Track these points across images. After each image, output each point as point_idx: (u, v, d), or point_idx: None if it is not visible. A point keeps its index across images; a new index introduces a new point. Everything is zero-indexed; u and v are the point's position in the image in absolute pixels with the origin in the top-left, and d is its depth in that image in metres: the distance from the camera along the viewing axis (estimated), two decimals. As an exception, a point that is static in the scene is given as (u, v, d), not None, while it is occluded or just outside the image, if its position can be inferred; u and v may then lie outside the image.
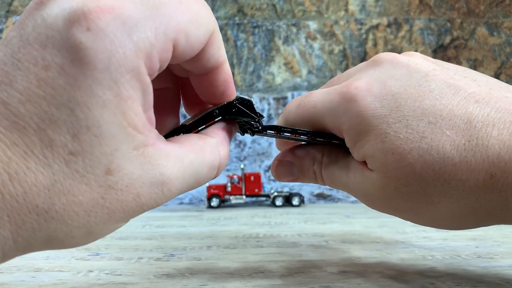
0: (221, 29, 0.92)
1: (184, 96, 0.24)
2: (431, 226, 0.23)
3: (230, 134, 0.23)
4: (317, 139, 0.24)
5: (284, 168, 0.27)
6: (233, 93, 0.22)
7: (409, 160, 0.20)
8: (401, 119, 0.20)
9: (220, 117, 0.22)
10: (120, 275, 0.26)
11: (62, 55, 0.15)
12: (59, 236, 0.16)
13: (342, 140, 0.23)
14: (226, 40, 0.92)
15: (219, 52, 0.20)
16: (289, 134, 0.24)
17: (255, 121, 0.23)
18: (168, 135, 0.21)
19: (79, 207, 0.16)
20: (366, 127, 0.21)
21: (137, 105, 0.17)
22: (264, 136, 0.25)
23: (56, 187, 0.15)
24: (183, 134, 0.21)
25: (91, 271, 0.26)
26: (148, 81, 0.17)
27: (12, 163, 0.15)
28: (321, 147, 0.26)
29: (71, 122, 0.15)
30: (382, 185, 0.21)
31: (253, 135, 0.24)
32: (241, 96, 0.23)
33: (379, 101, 0.21)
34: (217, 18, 0.92)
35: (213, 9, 0.92)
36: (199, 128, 0.22)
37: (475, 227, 0.22)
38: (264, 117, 0.24)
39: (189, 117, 0.24)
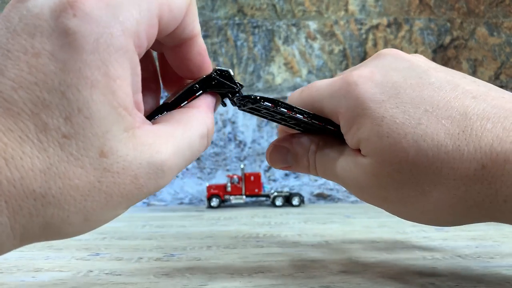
0: (221, 29, 0.92)
1: (162, 74, 0.24)
2: (421, 222, 0.23)
3: (213, 104, 0.23)
4: (313, 120, 0.24)
5: (279, 154, 0.27)
6: (209, 66, 0.22)
7: (403, 144, 0.20)
8: (399, 105, 0.21)
9: (201, 91, 0.22)
10: (120, 275, 0.26)
11: (51, 42, 0.16)
12: (56, 223, 0.16)
13: (338, 127, 0.24)
14: (226, 40, 0.92)
15: (194, 23, 0.21)
16: (286, 110, 0.23)
17: (235, 91, 0.23)
18: (151, 115, 0.21)
19: (76, 191, 0.16)
20: (363, 110, 0.22)
21: (126, 84, 0.17)
22: (258, 111, 0.24)
23: (52, 171, 0.16)
24: (167, 112, 0.21)
25: (91, 271, 0.26)
26: (136, 60, 0.17)
27: (8, 149, 0.15)
28: (317, 137, 0.26)
29: (62, 105, 0.16)
30: (375, 171, 0.22)
31: (239, 106, 0.23)
32: (218, 67, 0.23)
33: (379, 87, 0.22)
34: (217, 18, 0.92)
35: (213, 9, 0.92)
36: (182, 104, 0.22)
37: (464, 223, 0.22)
38: (244, 86, 0.24)
39: (168, 95, 0.23)
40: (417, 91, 0.21)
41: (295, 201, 0.75)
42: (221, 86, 0.23)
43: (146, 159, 0.17)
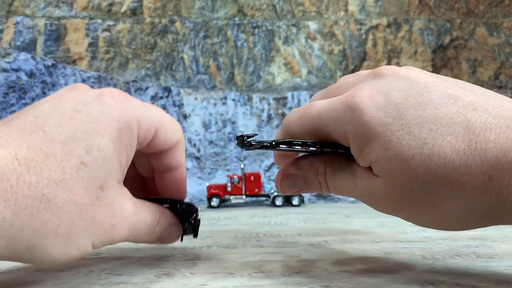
0: (221, 29, 0.92)
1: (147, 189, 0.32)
2: (433, 228, 0.24)
3: (170, 220, 0.28)
4: (325, 149, 0.25)
5: (289, 181, 0.28)
6: (184, 192, 0.30)
7: (411, 165, 0.21)
8: (404, 127, 0.21)
9: (168, 206, 0.28)
10: (120, 275, 0.26)
11: (91, 106, 0.24)
12: (48, 227, 0.20)
13: (347, 149, 0.24)
14: (226, 40, 0.92)
15: (181, 156, 0.29)
16: (300, 147, 0.25)
17: (188, 223, 0.29)
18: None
19: (74, 205, 0.21)
20: (371, 135, 0.22)
21: (129, 149, 0.24)
22: (276, 150, 0.26)
23: (63, 184, 0.20)
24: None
25: (91, 271, 0.27)
26: (134, 141, 0.25)
27: (32, 161, 0.20)
28: (323, 158, 0.27)
29: (88, 142, 0.22)
30: (387, 189, 0.22)
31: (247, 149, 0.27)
32: (190, 203, 0.29)
33: (382, 110, 0.22)
34: (217, 19, 0.92)
35: (213, 10, 0.92)
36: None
37: (473, 228, 0.22)
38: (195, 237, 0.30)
39: None
40: (419, 110, 0.21)
41: (295, 201, 0.75)
42: (183, 214, 0.29)
43: (122, 206, 0.23)
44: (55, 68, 0.87)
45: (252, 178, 0.78)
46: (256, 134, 0.27)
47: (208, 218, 0.57)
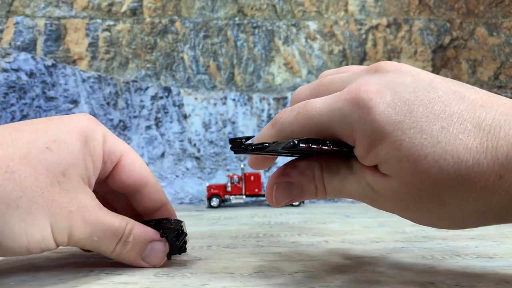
0: (221, 29, 0.92)
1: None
2: (437, 227, 0.23)
3: (149, 236, 0.28)
4: (333, 148, 0.23)
5: (283, 191, 0.26)
6: (161, 204, 0.30)
7: (424, 166, 0.20)
8: (415, 125, 0.21)
9: (153, 224, 0.28)
10: (120, 275, 0.26)
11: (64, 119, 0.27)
12: (11, 198, 0.22)
13: (351, 147, 0.23)
14: (226, 40, 0.92)
15: (156, 196, 0.30)
16: (315, 146, 0.22)
17: (173, 239, 0.28)
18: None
19: (35, 181, 0.23)
20: (381, 135, 0.21)
21: (92, 154, 0.26)
22: (271, 154, 0.25)
23: (27, 160, 0.23)
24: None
25: (91, 271, 0.27)
26: (99, 152, 0.27)
27: (0, 142, 0.23)
28: (317, 160, 0.25)
29: (55, 135, 0.25)
30: (396, 189, 0.22)
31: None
32: (177, 220, 0.29)
33: (392, 108, 0.21)
34: (217, 19, 0.92)
35: (213, 10, 0.92)
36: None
37: (477, 227, 0.22)
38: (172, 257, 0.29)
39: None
40: (429, 107, 0.21)
41: (295, 201, 0.75)
42: (169, 234, 0.28)
43: (83, 198, 0.25)
44: (55, 68, 0.87)
45: (252, 178, 0.78)
46: (253, 136, 0.25)
47: (208, 218, 0.57)
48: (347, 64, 0.91)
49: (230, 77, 0.91)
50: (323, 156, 0.25)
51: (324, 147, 0.23)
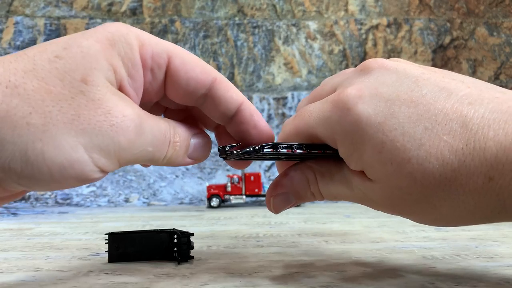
0: (221, 29, 0.92)
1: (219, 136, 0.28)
2: (434, 225, 0.23)
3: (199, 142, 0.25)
4: (312, 151, 0.23)
5: (280, 199, 0.26)
6: (265, 127, 0.25)
7: (408, 169, 0.20)
8: (397, 126, 0.20)
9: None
10: (120, 275, 0.26)
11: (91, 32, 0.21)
12: (17, 114, 0.17)
13: (336, 151, 0.23)
14: (226, 40, 0.92)
15: (232, 92, 0.24)
16: (285, 150, 0.23)
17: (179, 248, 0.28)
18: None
19: (48, 94, 0.18)
20: (361, 137, 0.21)
21: (118, 57, 0.20)
22: (259, 159, 0.25)
23: (32, 73, 0.18)
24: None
25: (91, 271, 0.27)
26: (135, 57, 0.21)
27: (3, 59, 0.19)
28: (310, 168, 0.25)
29: (65, 40, 0.20)
30: (385, 194, 0.21)
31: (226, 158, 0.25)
32: (185, 232, 0.29)
33: (372, 108, 0.21)
34: (217, 18, 0.92)
35: (213, 9, 0.92)
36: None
37: (473, 224, 0.22)
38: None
39: None
40: (412, 107, 0.20)
41: (295, 201, 0.75)
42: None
43: (117, 102, 0.20)
44: (55, 68, 0.86)
45: (252, 178, 0.78)
46: (239, 144, 0.25)
47: (208, 218, 0.57)
48: (347, 64, 0.91)
49: (230, 77, 0.91)
50: (316, 163, 0.25)
51: (298, 151, 0.23)
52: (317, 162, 0.25)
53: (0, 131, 0.17)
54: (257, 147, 0.23)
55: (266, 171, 0.87)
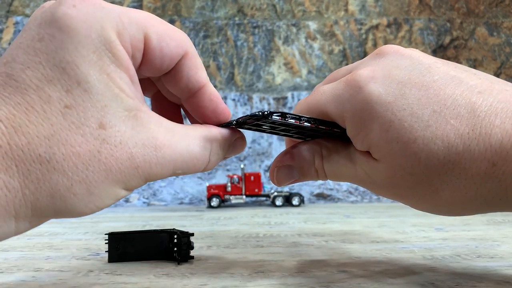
0: (221, 29, 0.92)
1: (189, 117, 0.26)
2: (432, 213, 0.23)
3: (228, 137, 0.24)
4: (319, 126, 0.24)
5: (285, 171, 0.27)
6: (223, 110, 0.24)
7: (413, 149, 0.20)
8: (406, 107, 0.21)
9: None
10: (120, 275, 0.26)
11: (52, 25, 0.18)
12: (61, 190, 0.17)
13: (344, 130, 0.23)
14: (226, 40, 0.92)
15: (198, 73, 0.23)
16: (294, 121, 0.23)
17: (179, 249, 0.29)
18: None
19: (77, 158, 0.18)
20: (370, 115, 0.21)
21: (120, 71, 0.19)
22: (260, 126, 0.24)
23: (55, 138, 0.17)
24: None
25: (91, 271, 0.27)
26: (122, 55, 0.19)
27: (16, 119, 0.17)
28: (318, 144, 0.26)
29: (64, 80, 0.18)
30: (388, 174, 0.22)
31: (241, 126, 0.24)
32: (186, 232, 0.29)
33: (383, 88, 0.21)
34: (217, 18, 0.92)
35: (213, 9, 0.92)
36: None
37: (472, 214, 0.22)
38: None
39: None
40: (423, 90, 0.21)
41: (295, 201, 0.75)
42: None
43: (142, 140, 0.19)
44: (55, 68, 0.86)
45: (252, 178, 0.78)
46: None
47: (208, 218, 0.57)
48: (347, 64, 0.91)
49: (230, 77, 0.91)
50: (325, 140, 0.26)
51: (306, 124, 0.23)
52: (326, 140, 0.26)
53: (54, 205, 0.17)
54: (266, 112, 0.22)
55: (266, 171, 0.87)
